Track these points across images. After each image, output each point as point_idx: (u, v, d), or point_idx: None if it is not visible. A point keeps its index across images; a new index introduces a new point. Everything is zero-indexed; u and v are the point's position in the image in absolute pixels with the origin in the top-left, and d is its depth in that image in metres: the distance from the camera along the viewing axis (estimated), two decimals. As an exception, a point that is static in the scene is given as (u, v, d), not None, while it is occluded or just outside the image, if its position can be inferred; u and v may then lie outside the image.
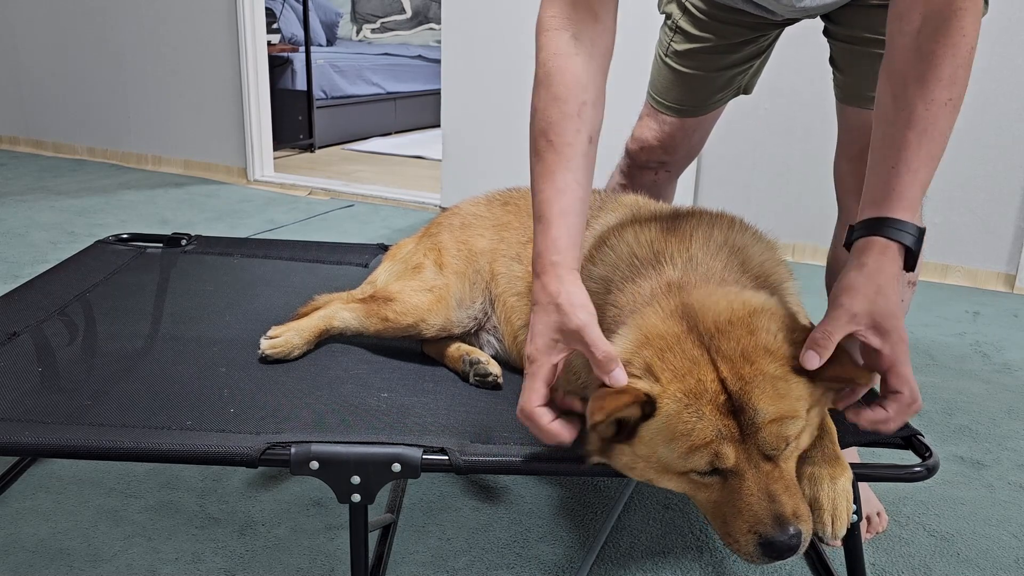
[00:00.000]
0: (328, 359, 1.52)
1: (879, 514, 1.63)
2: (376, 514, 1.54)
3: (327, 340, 1.58)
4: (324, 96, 5.70)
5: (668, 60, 1.69)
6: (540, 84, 1.18)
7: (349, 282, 1.82)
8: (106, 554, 1.49)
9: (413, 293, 1.53)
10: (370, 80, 6.16)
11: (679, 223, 1.30)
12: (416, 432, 1.24)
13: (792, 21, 1.56)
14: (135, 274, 1.95)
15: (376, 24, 7.81)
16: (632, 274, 1.21)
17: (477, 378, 1.45)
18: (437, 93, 4.04)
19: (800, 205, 3.42)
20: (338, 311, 1.56)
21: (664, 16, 1.71)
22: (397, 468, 1.14)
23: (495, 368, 1.46)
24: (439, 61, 3.91)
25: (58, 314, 1.67)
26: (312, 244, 2.22)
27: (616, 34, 1.22)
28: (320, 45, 6.70)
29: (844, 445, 1.16)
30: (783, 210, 3.46)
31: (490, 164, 3.71)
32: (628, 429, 1.05)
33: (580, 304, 1.07)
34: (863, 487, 1.55)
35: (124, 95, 4.94)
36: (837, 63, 1.54)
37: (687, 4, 1.63)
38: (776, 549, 0.99)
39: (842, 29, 1.49)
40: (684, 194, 3.37)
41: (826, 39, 1.56)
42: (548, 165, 1.15)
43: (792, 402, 1.02)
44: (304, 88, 5.53)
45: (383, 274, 1.67)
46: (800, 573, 1.50)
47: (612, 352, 1.03)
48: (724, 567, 1.50)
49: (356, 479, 1.14)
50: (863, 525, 1.59)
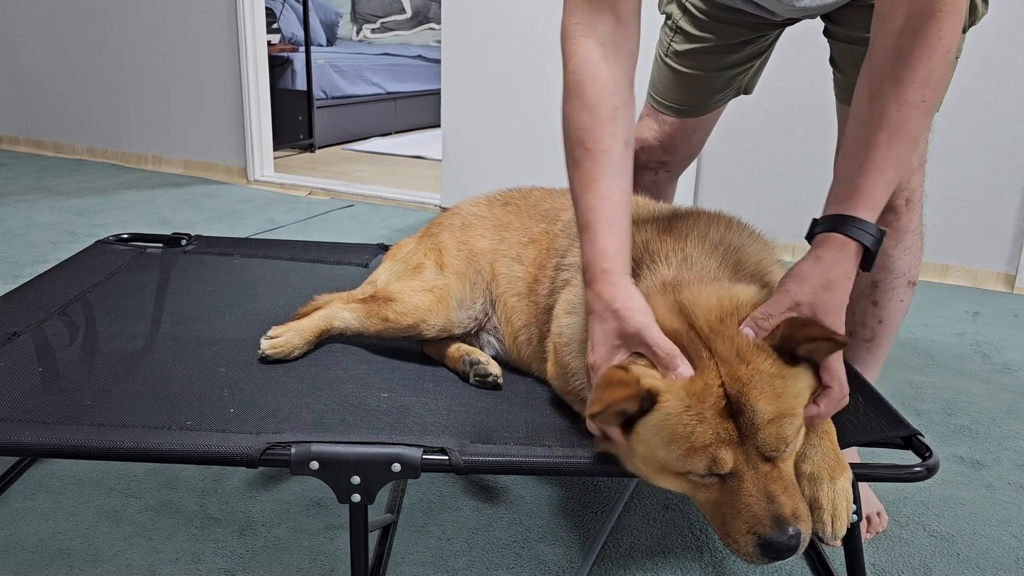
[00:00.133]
0: (328, 359, 1.52)
1: (879, 514, 1.63)
2: (376, 514, 1.54)
3: (327, 340, 1.58)
4: (324, 96, 5.70)
5: (668, 60, 1.69)
6: (571, 93, 1.18)
7: (349, 282, 1.82)
8: (106, 554, 1.49)
9: (413, 293, 1.53)
10: (370, 80, 6.16)
11: (675, 223, 1.30)
12: (416, 432, 1.24)
13: (792, 21, 1.56)
14: (135, 274, 1.95)
15: (376, 24, 7.81)
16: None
17: (477, 378, 1.45)
18: (437, 93, 4.04)
19: (800, 205, 3.41)
20: (338, 311, 1.56)
21: (664, 16, 1.71)
22: (397, 468, 1.14)
23: (495, 368, 1.46)
24: (439, 61, 3.91)
25: (58, 314, 1.67)
26: (312, 244, 2.22)
27: (640, 34, 1.21)
28: (320, 45, 6.70)
29: (844, 445, 1.16)
30: (783, 210, 3.45)
31: (490, 164, 3.71)
32: (627, 423, 1.05)
33: (637, 307, 1.08)
34: (863, 487, 1.55)
35: (124, 95, 4.94)
36: (837, 63, 1.54)
37: (687, 4, 1.63)
38: (775, 550, 0.99)
39: (842, 29, 1.49)
40: (684, 194, 3.37)
41: (826, 39, 1.56)
42: (587, 173, 1.15)
43: (790, 400, 1.02)
44: (304, 88, 5.53)
45: (383, 274, 1.67)
46: (800, 573, 1.50)
47: (674, 350, 1.04)
48: (724, 567, 1.50)
49: (356, 479, 1.14)
50: (863, 525, 1.59)
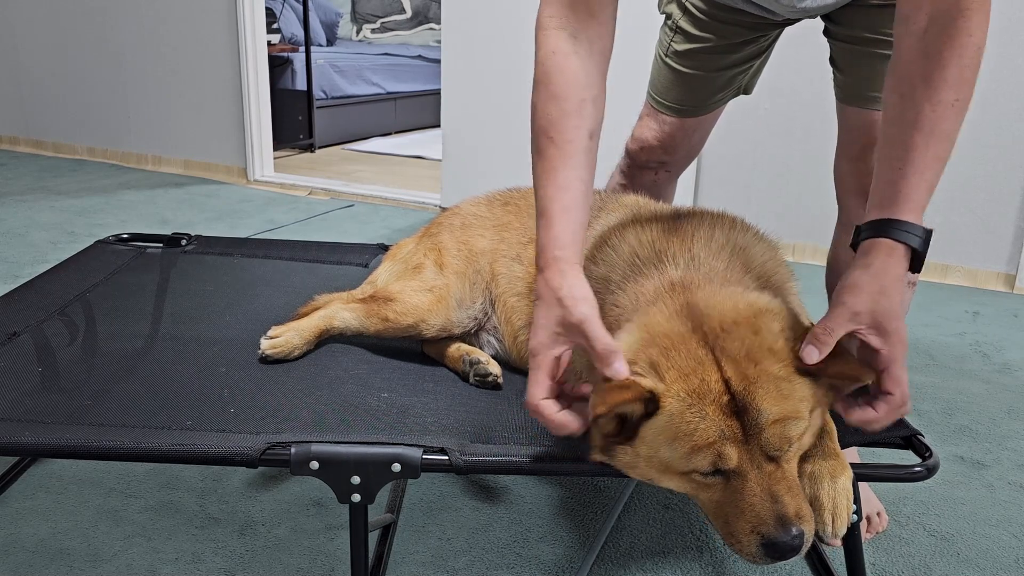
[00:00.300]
0: (328, 359, 1.52)
1: (879, 514, 1.63)
2: (376, 514, 1.54)
3: (327, 340, 1.58)
4: (324, 96, 5.70)
5: (668, 60, 1.69)
6: (539, 83, 1.19)
7: (349, 282, 1.81)
8: (106, 554, 1.49)
9: (413, 293, 1.53)
10: (370, 80, 6.16)
11: (681, 223, 1.30)
12: (416, 432, 1.24)
13: (792, 21, 1.56)
14: (135, 274, 1.95)
15: (376, 24, 7.81)
16: (634, 274, 1.22)
17: (477, 378, 1.45)
18: (437, 93, 4.04)
19: (800, 205, 3.42)
20: (338, 311, 1.56)
21: (664, 16, 1.71)
22: (397, 468, 1.14)
23: (495, 368, 1.46)
24: (439, 61, 3.91)
25: (58, 314, 1.67)
26: (312, 244, 2.22)
27: (615, 33, 1.22)
28: (320, 45, 6.70)
29: (844, 445, 1.16)
30: (783, 210, 3.45)
31: (490, 164, 3.71)
32: (630, 427, 1.05)
33: (582, 297, 1.08)
34: (863, 487, 1.55)
35: (124, 95, 4.94)
36: (837, 63, 1.54)
37: (687, 4, 1.63)
38: (779, 550, 0.99)
39: (842, 29, 1.49)
40: (684, 194, 3.37)
41: (826, 39, 1.56)
42: (550, 162, 1.16)
43: (795, 403, 1.02)
44: (304, 88, 5.53)
45: (383, 274, 1.67)
46: (800, 573, 1.50)
47: (613, 345, 1.04)
48: (724, 567, 1.50)
49: (356, 479, 1.14)
50: (863, 525, 1.59)
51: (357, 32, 7.83)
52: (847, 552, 1.31)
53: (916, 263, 1.08)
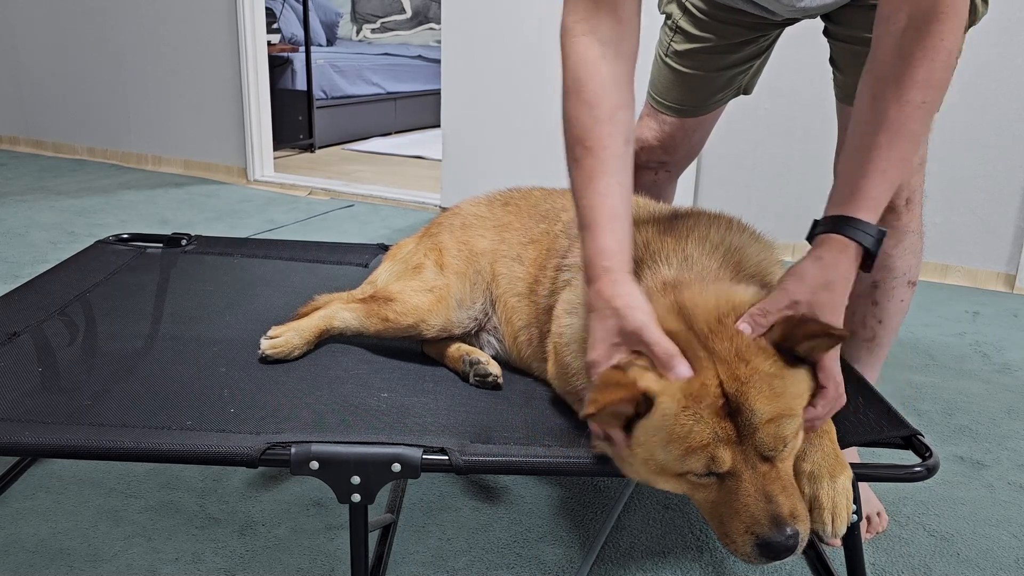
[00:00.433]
0: (328, 359, 1.52)
1: (879, 514, 1.63)
2: (376, 514, 1.54)
3: (327, 340, 1.58)
4: (324, 96, 5.70)
5: (668, 60, 1.69)
6: (570, 91, 1.18)
7: (349, 282, 1.81)
8: (106, 554, 1.49)
9: (413, 293, 1.53)
10: (370, 80, 6.16)
11: (676, 223, 1.30)
12: (416, 432, 1.24)
13: (792, 21, 1.56)
14: (135, 274, 1.95)
15: (376, 24, 7.81)
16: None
17: (477, 378, 1.45)
18: (437, 93, 4.04)
19: (800, 205, 3.41)
20: (338, 311, 1.56)
21: (664, 16, 1.71)
22: (397, 468, 1.14)
23: (495, 368, 1.46)
24: (439, 61, 3.91)
25: (58, 314, 1.67)
26: (312, 244, 2.22)
27: (640, 33, 1.22)
28: (320, 45, 6.70)
29: (844, 445, 1.16)
30: (783, 210, 3.45)
31: (490, 164, 3.71)
32: (624, 424, 1.05)
33: (637, 306, 1.08)
34: (863, 487, 1.55)
35: (124, 95, 4.94)
36: (837, 63, 1.54)
37: (687, 4, 1.63)
38: (773, 550, 0.99)
39: (842, 29, 1.49)
40: (684, 194, 3.37)
41: (826, 39, 1.56)
42: (587, 171, 1.15)
43: (789, 400, 1.02)
44: (304, 88, 5.53)
45: (383, 274, 1.67)
46: (800, 573, 1.50)
47: (673, 349, 1.04)
48: (724, 567, 1.50)
49: (356, 479, 1.14)
50: (863, 525, 1.59)
51: (357, 32, 7.83)
52: (847, 552, 1.31)
53: (867, 262, 1.08)
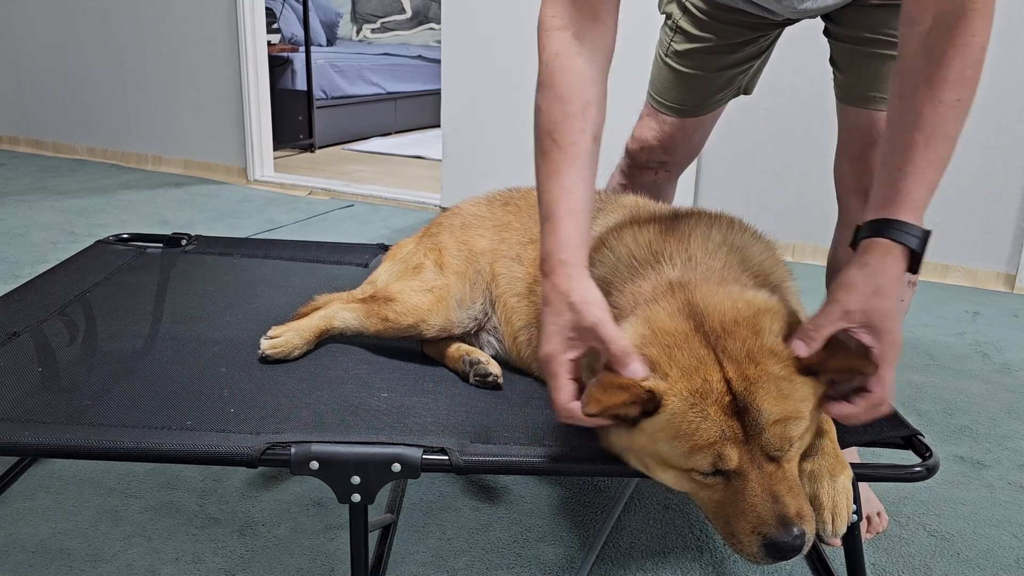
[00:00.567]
0: (328, 359, 1.52)
1: (879, 514, 1.63)
2: (376, 514, 1.54)
3: (327, 340, 1.58)
4: (324, 96, 5.70)
5: (668, 60, 1.69)
6: (543, 85, 1.18)
7: (349, 282, 1.81)
8: (106, 554, 1.49)
9: (413, 293, 1.53)
10: (370, 80, 6.16)
11: (678, 224, 1.30)
12: (416, 432, 1.24)
13: (792, 21, 1.56)
14: (135, 274, 1.95)
15: (376, 24, 7.81)
16: (631, 275, 1.22)
17: (477, 378, 1.45)
18: (437, 93, 4.04)
19: (800, 205, 3.42)
20: (338, 311, 1.56)
21: (664, 16, 1.71)
22: (397, 468, 1.14)
23: (495, 368, 1.46)
24: (439, 61, 3.91)
25: (58, 314, 1.67)
26: (312, 244, 2.22)
27: (617, 34, 1.22)
28: (320, 45, 6.70)
29: (844, 445, 1.16)
30: (783, 210, 3.45)
31: (490, 164, 3.71)
32: (628, 421, 1.05)
33: (593, 301, 1.08)
34: (863, 487, 1.55)
35: (124, 95, 4.94)
36: (837, 63, 1.54)
37: (687, 4, 1.63)
38: (780, 550, 0.99)
39: (842, 29, 1.49)
40: (684, 194, 3.37)
41: (826, 39, 1.56)
42: (554, 164, 1.16)
43: (796, 403, 1.02)
44: (304, 88, 5.53)
45: (383, 274, 1.67)
46: (800, 573, 1.50)
47: (628, 347, 1.04)
48: (724, 567, 1.50)
49: (356, 479, 1.14)
50: (863, 525, 1.59)
51: (357, 32, 7.83)
52: (847, 552, 1.31)
53: (914, 264, 1.08)
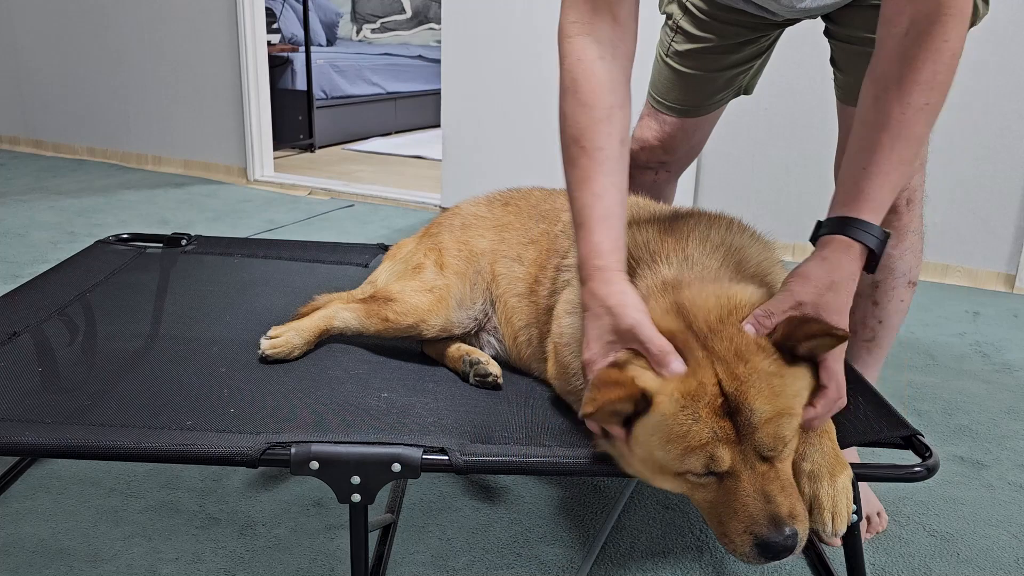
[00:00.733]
0: (328, 359, 1.52)
1: (879, 514, 1.63)
2: (376, 514, 1.54)
3: (327, 340, 1.58)
4: (324, 96, 5.70)
5: (669, 60, 1.69)
6: (567, 91, 1.19)
7: (349, 282, 1.82)
8: (106, 554, 1.49)
9: (413, 293, 1.53)
10: (370, 80, 6.16)
11: (676, 224, 1.30)
12: (416, 432, 1.24)
13: (793, 21, 1.56)
14: (135, 274, 1.95)
15: (376, 24, 7.81)
16: (629, 275, 1.22)
17: (477, 378, 1.45)
18: (437, 93, 4.05)
19: (800, 205, 3.42)
20: (338, 311, 1.56)
21: (665, 16, 1.71)
22: (397, 468, 1.14)
23: (495, 368, 1.46)
24: (439, 61, 3.91)
25: (58, 314, 1.67)
26: (312, 244, 2.22)
27: (637, 35, 1.22)
28: (320, 45, 6.70)
29: (844, 445, 1.16)
30: (783, 210, 3.45)
31: (490, 164, 3.71)
32: (622, 422, 1.05)
33: (631, 304, 1.09)
34: (863, 487, 1.55)
35: (124, 95, 4.94)
36: (838, 63, 1.54)
37: (688, 4, 1.63)
38: (772, 550, 0.99)
39: (842, 29, 1.49)
40: (684, 194, 3.37)
41: (827, 39, 1.56)
42: (583, 171, 1.16)
43: (788, 399, 1.02)
44: (304, 88, 5.53)
45: (383, 274, 1.67)
46: (800, 573, 1.50)
47: (667, 346, 1.04)
48: (724, 567, 1.50)
49: (356, 479, 1.14)
50: (863, 525, 1.59)
51: (357, 32, 7.83)
52: (847, 552, 1.31)
53: (871, 264, 1.09)
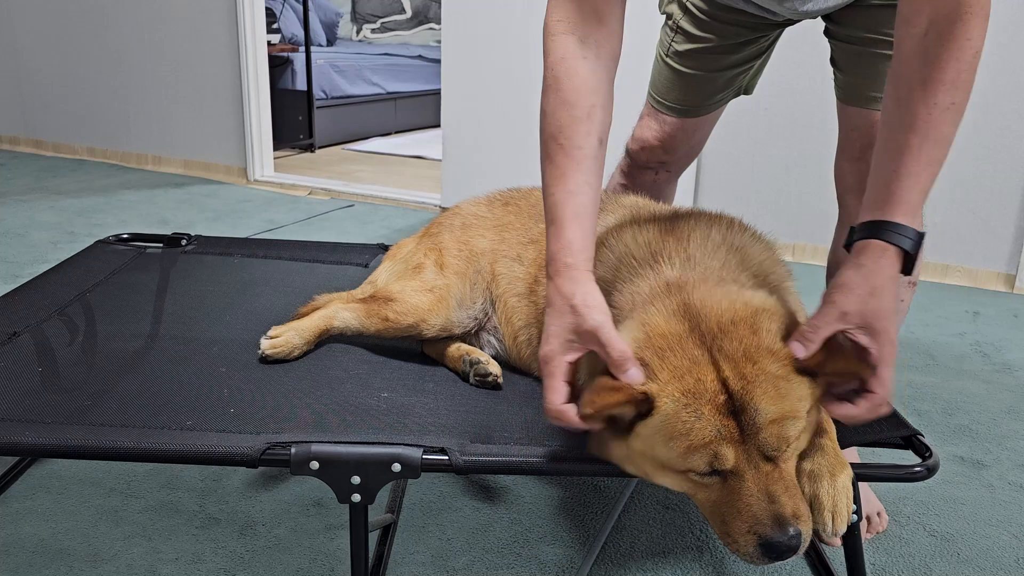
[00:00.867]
0: (328, 359, 1.52)
1: (879, 514, 1.63)
2: (376, 514, 1.54)
3: (327, 340, 1.58)
4: (324, 96, 5.70)
5: (669, 60, 1.69)
6: (549, 88, 1.19)
7: (349, 282, 1.82)
8: (106, 554, 1.49)
9: (413, 293, 1.53)
10: (370, 80, 6.16)
11: (677, 224, 1.30)
12: (416, 432, 1.24)
13: (793, 22, 1.56)
14: (135, 274, 1.95)
15: (376, 24, 7.81)
16: (630, 275, 1.22)
17: (477, 378, 1.45)
18: (437, 93, 4.05)
19: (800, 205, 3.42)
20: (338, 311, 1.56)
21: (665, 16, 1.71)
22: (397, 468, 1.14)
23: (495, 368, 1.46)
24: (439, 61, 3.91)
25: (58, 314, 1.67)
26: (312, 244, 2.22)
27: (623, 37, 1.22)
28: (320, 45, 6.70)
29: (844, 445, 1.16)
30: (783, 210, 3.45)
31: (490, 164, 3.71)
32: (624, 425, 1.05)
33: (595, 305, 1.09)
34: (863, 487, 1.55)
35: (124, 95, 4.94)
36: (838, 63, 1.54)
37: (688, 4, 1.63)
38: (776, 550, 0.99)
39: (843, 29, 1.49)
40: (684, 194, 3.37)
41: (827, 39, 1.56)
42: (559, 168, 1.16)
43: (794, 402, 1.02)
44: (304, 88, 5.53)
45: (383, 274, 1.67)
46: (800, 573, 1.50)
47: (627, 352, 1.04)
48: (724, 567, 1.50)
49: (356, 479, 1.14)
50: (863, 525, 1.59)
51: (357, 32, 7.83)
52: (847, 552, 1.31)
53: (908, 265, 1.08)
